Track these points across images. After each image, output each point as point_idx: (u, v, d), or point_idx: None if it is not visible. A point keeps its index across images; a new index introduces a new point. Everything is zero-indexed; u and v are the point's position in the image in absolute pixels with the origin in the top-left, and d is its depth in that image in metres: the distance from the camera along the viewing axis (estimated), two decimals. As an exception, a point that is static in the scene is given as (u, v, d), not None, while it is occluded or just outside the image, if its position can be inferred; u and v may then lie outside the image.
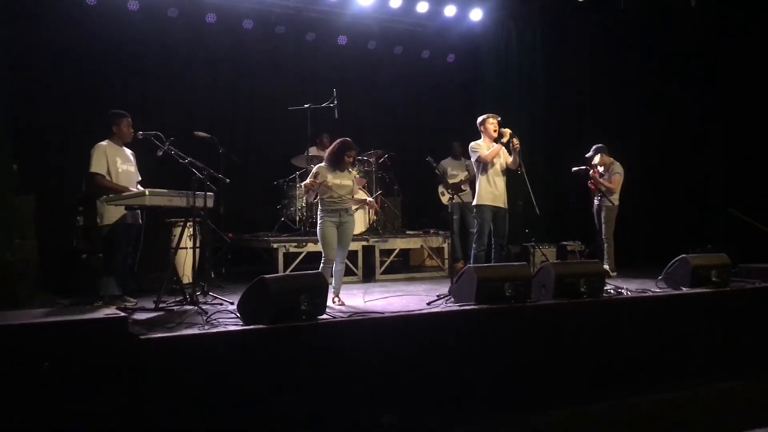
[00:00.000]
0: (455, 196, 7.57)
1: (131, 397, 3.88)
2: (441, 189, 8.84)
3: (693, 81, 9.56)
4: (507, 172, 6.85)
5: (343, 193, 5.88)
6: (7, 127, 6.45)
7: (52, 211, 7.17)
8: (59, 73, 7.85)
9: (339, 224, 5.86)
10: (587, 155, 8.10)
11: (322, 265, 5.83)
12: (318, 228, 5.90)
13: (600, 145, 8.08)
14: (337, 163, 5.92)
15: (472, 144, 6.84)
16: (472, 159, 6.94)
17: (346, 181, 5.94)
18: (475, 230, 6.95)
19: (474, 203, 6.86)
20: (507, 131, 6.72)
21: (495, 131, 6.76)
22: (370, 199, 6.61)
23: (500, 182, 6.77)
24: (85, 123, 7.58)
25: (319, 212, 5.92)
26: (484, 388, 4.94)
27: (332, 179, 5.83)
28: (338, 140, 6.03)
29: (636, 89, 9.86)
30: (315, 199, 5.97)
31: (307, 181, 5.86)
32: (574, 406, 5.10)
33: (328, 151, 6.05)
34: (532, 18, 9.83)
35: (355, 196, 6.14)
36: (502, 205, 6.77)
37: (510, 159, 6.79)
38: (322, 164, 5.95)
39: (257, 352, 4.29)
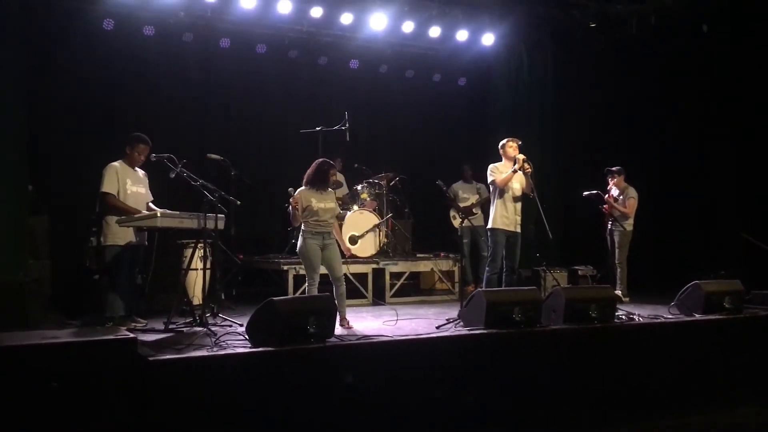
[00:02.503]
0: (466, 220, 7.59)
1: (139, 418, 3.88)
2: (452, 213, 8.84)
3: (705, 104, 9.53)
4: (522, 196, 6.86)
5: (327, 216, 5.85)
6: (24, 148, 6.55)
7: (65, 231, 7.22)
8: (75, 95, 7.96)
9: (323, 246, 5.83)
10: (612, 169, 8.08)
11: (307, 287, 5.81)
12: (300, 248, 5.84)
13: (621, 167, 8.10)
14: (321, 184, 5.87)
15: (490, 166, 6.92)
16: (488, 180, 6.99)
17: (330, 203, 5.89)
18: (488, 254, 6.93)
19: (488, 227, 6.88)
20: (520, 157, 6.77)
21: (515, 154, 6.81)
22: (347, 246, 6.65)
23: (514, 207, 6.79)
24: (100, 144, 7.61)
25: (301, 232, 5.87)
26: (492, 412, 4.90)
27: (317, 203, 5.78)
28: (316, 161, 5.99)
29: (648, 112, 9.84)
30: (299, 223, 5.87)
31: (293, 202, 5.71)
32: (585, 432, 5.05)
33: (307, 173, 5.95)
34: (543, 42, 9.88)
35: (334, 232, 6.06)
36: (515, 230, 6.78)
37: (525, 183, 6.81)
38: (303, 188, 5.88)
39: (265, 374, 4.29)
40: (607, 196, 8.02)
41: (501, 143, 6.95)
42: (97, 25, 7.92)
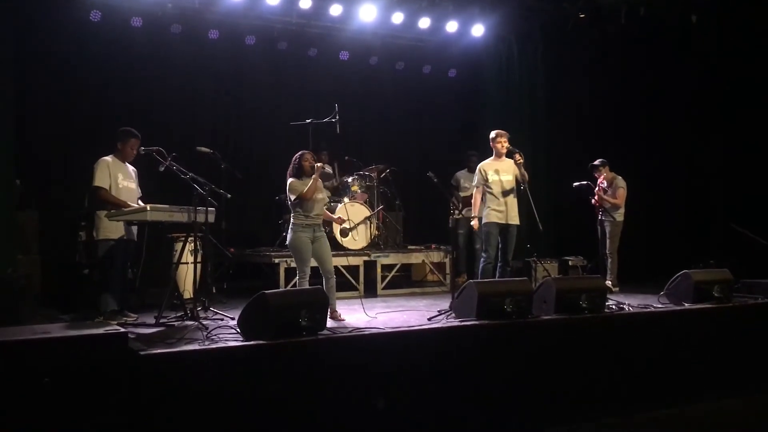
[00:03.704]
0: (463, 212, 7.61)
1: (131, 413, 3.88)
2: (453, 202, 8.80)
3: (694, 95, 9.57)
4: (515, 188, 6.84)
5: (320, 206, 5.90)
6: (11, 142, 6.49)
7: (54, 226, 7.18)
8: (63, 88, 7.91)
9: (313, 239, 5.84)
10: (595, 163, 8.12)
11: (298, 280, 5.82)
12: (290, 241, 5.84)
13: (604, 159, 8.13)
14: (301, 172, 5.86)
15: (478, 166, 6.91)
16: (473, 180, 7.03)
17: (319, 194, 5.92)
18: (479, 246, 6.93)
19: (483, 221, 6.87)
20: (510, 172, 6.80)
21: (504, 149, 6.80)
22: (338, 215, 6.65)
23: (505, 200, 6.73)
24: (88, 138, 7.61)
25: (291, 225, 5.88)
26: (484, 403, 4.92)
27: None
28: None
29: (638, 103, 9.88)
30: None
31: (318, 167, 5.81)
32: (575, 423, 5.08)
33: (288, 171, 5.96)
34: (533, 33, 9.87)
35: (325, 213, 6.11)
36: (509, 222, 6.74)
37: (518, 173, 6.81)
38: (292, 179, 5.88)
39: (257, 367, 4.29)
40: (597, 189, 8.05)
41: (491, 136, 6.92)
42: (84, 16, 7.84)
